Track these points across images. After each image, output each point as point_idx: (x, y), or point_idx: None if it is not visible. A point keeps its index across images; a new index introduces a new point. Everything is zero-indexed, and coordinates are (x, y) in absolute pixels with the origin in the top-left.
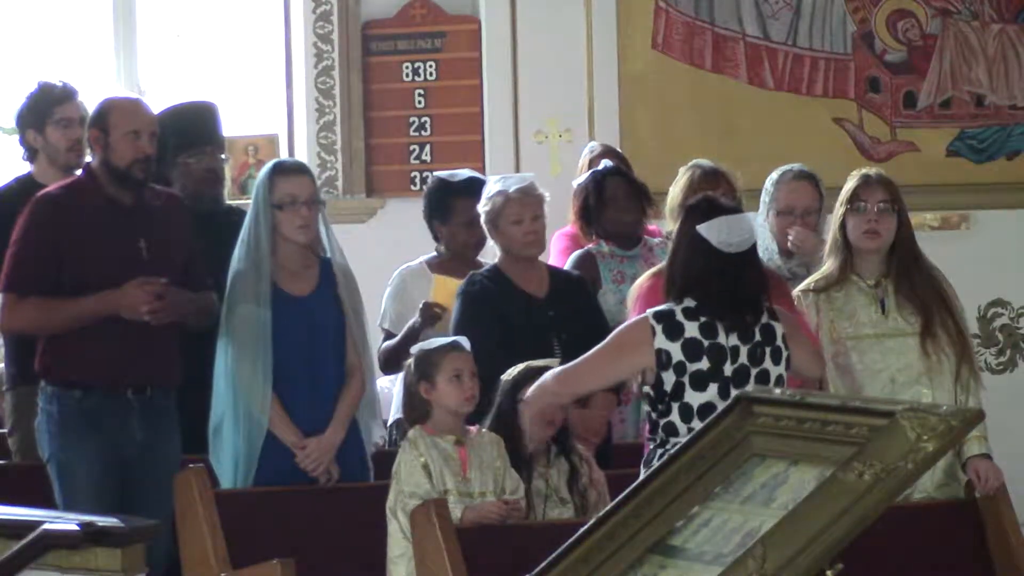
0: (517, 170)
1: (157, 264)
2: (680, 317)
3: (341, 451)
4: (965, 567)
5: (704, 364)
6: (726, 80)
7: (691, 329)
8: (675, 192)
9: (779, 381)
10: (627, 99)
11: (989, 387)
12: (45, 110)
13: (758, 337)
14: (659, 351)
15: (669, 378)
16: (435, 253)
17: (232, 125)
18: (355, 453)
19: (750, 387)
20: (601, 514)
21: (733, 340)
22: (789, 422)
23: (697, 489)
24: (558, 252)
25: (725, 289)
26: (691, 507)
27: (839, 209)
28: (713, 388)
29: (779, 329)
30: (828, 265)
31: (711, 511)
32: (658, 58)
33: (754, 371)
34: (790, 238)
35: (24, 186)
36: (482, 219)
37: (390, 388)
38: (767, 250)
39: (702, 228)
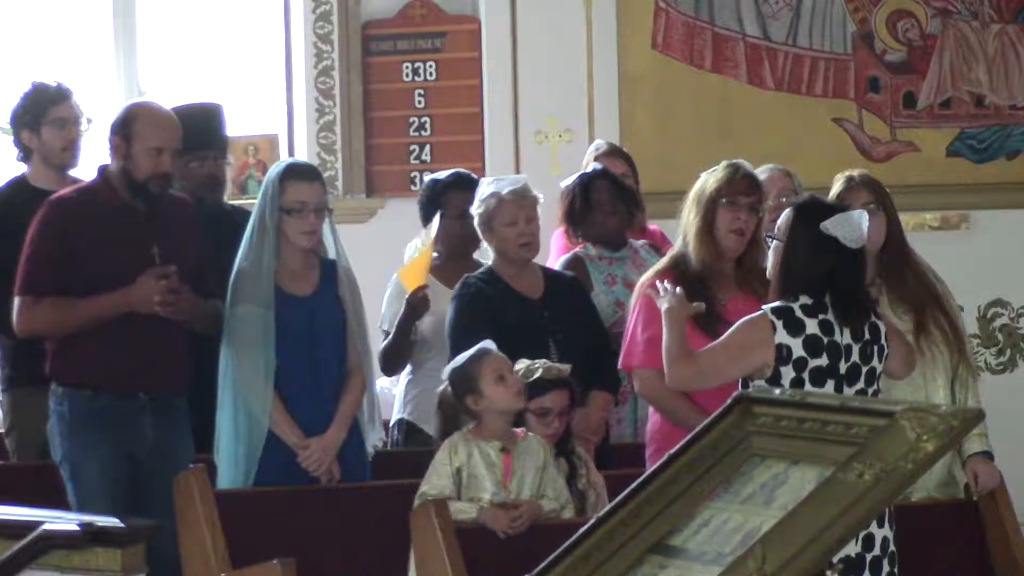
0: (517, 170)
1: None
2: (800, 314)
3: (341, 451)
4: (965, 567)
5: (823, 361)
6: (726, 80)
7: (811, 326)
8: (709, 181)
9: (879, 379)
10: (627, 99)
11: (989, 387)
12: (40, 110)
13: (867, 335)
14: (780, 346)
15: (788, 373)
16: (435, 255)
17: (232, 125)
18: (355, 453)
19: (861, 385)
20: (601, 514)
21: (847, 338)
22: (789, 422)
23: (697, 489)
24: (558, 250)
25: (849, 287)
26: (691, 507)
27: None
28: (830, 384)
29: (882, 327)
30: None
31: (711, 511)
32: (658, 58)
33: (864, 369)
34: None
35: (18, 188)
36: (475, 221)
37: (390, 389)
38: None
39: (828, 225)
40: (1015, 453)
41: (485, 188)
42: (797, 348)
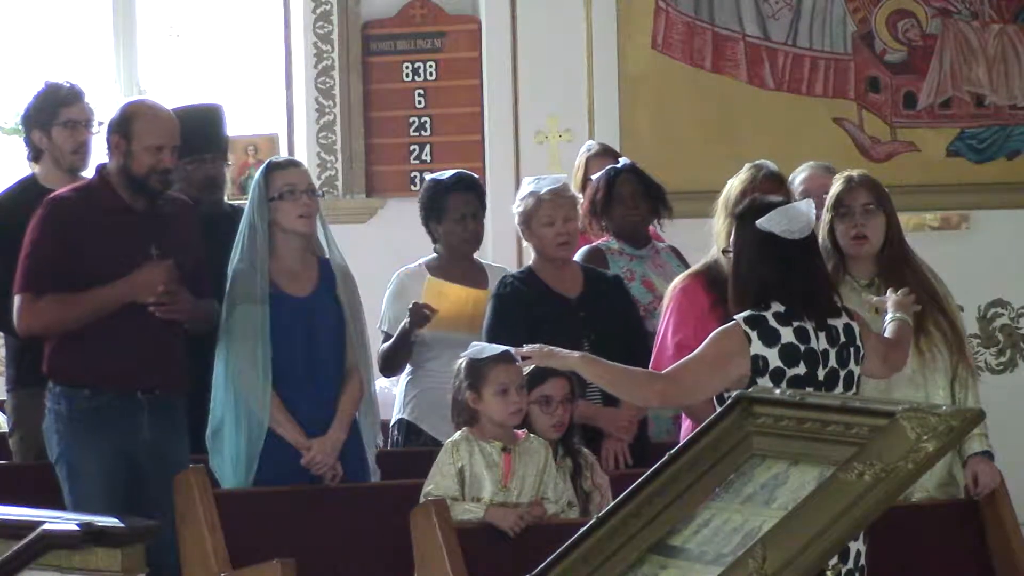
0: (517, 170)
1: None
2: (773, 322)
3: (341, 451)
4: (965, 567)
5: (801, 369)
6: (726, 80)
7: (787, 335)
8: (734, 184)
9: (859, 383)
10: (627, 99)
11: (989, 387)
12: (52, 111)
13: (843, 338)
14: (755, 357)
15: (765, 384)
16: (434, 255)
17: (232, 125)
18: (355, 453)
19: (840, 390)
20: (601, 514)
21: (823, 344)
22: (789, 422)
23: (697, 489)
24: None
25: (802, 283)
26: (691, 507)
27: (826, 215)
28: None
29: (856, 327)
30: None
31: (711, 511)
32: (658, 58)
33: (842, 373)
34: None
35: (27, 189)
36: (515, 220)
37: (389, 389)
38: None
39: (763, 222)
40: (1015, 453)
41: (524, 188)
42: (773, 358)
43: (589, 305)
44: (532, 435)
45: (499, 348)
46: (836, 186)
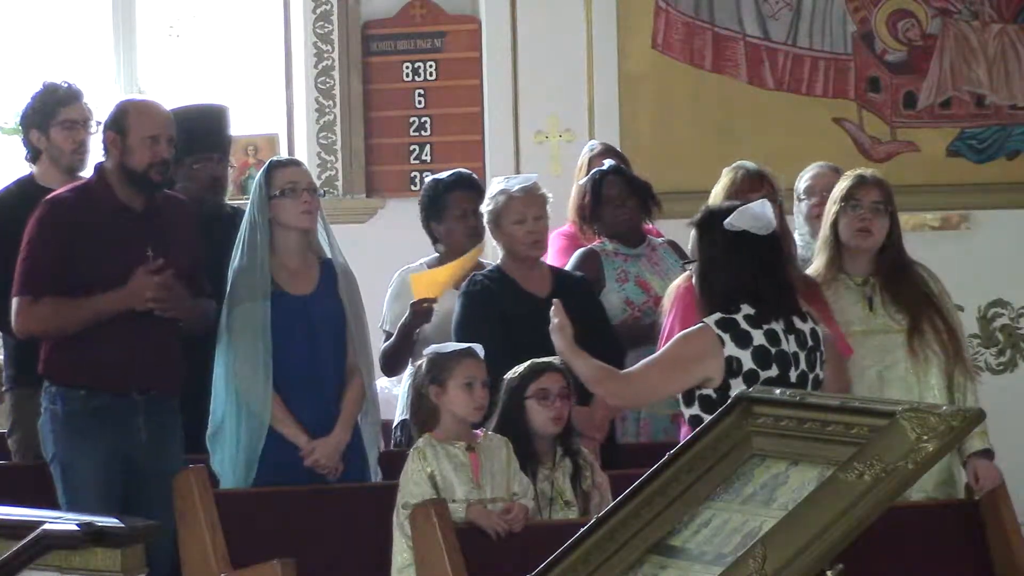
0: (517, 170)
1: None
2: (745, 325)
3: (343, 451)
4: (965, 567)
5: (773, 371)
6: (726, 80)
7: (758, 337)
8: (717, 191)
9: (823, 387)
10: (627, 99)
11: (989, 387)
12: (50, 111)
13: (810, 342)
14: (729, 359)
15: (738, 385)
16: (436, 255)
17: (232, 125)
18: (356, 453)
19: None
20: (601, 514)
21: (793, 346)
22: (789, 422)
23: (697, 489)
24: (555, 252)
25: (772, 281)
26: (691, 507)
27: (832, 207)
28: None
29: (821, 332)
30: (816, 263)
31: (711, 511)
32: (658, 58)
33: (811, 376)
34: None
35: (25, 188)
36: (484, 219)
37: (390, 389)
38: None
39: (732, 221)
40: (1015, 453)
41: (494, 186)
42: (747, 360)
43: None
44: (491, 433)
45: (463, 345)
46: (847, 181)
